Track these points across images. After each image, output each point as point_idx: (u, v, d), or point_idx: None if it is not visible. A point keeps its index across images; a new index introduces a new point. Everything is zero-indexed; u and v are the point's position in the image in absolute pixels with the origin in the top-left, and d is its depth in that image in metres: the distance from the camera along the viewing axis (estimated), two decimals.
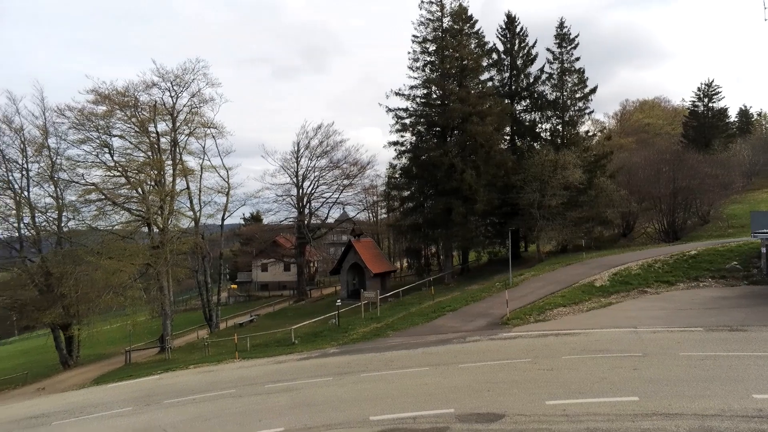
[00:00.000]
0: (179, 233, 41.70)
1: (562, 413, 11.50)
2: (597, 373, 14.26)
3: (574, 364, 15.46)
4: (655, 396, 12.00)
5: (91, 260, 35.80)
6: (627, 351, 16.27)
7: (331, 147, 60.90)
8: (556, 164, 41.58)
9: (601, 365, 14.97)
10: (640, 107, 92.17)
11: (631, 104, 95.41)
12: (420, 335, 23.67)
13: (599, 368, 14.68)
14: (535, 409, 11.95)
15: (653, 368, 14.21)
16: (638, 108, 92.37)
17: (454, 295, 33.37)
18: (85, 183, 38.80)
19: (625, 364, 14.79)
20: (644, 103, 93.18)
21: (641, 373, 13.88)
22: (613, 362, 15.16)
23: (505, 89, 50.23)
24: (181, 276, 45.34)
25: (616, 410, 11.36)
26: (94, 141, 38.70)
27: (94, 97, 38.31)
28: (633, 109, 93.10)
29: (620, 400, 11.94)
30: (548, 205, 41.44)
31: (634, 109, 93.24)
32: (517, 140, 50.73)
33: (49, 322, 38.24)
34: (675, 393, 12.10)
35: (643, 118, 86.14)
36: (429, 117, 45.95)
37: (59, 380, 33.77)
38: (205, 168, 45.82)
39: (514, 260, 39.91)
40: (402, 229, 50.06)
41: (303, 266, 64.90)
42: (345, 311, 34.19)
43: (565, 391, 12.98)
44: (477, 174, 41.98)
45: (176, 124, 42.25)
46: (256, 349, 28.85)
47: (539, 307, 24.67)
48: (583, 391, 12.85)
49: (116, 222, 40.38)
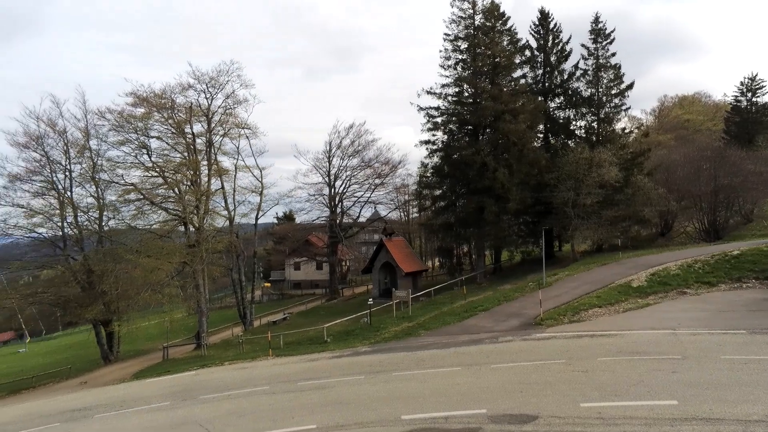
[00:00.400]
0: (214, 232, 42.47)
1: (597, 416, 11.27)
2: (634, 375, 13.93)
3: (609, 366, 15.12)
4: (695, 400, 11.65)
5: (130, 258, 36.78)
6: (665, 353, 15.84)
7: (362, 146, 61.18)
8: (591, 162, 40.80)
9: (638, 367, 14.61)
10: (680, 103, 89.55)
11: (669, 100, 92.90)
12: (452, 335, 23.54)
13: (636, 371, 14.33)
14: (569, 411, 11.75)
15: (693, 371, 13.80)
16: (677, 104, 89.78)
17: (487, 295, 33.07)
18: (124, 183, 39.95)
19: (664, 367, 14.39)
20: (683, 99, 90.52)
21: (680, 376, 13.49)
22: (651, 365, 14.77)
23: (539, 86, 49.55)
24: (216, 274, 46.21)
25: (653, 414, 11.07)
26: (132, 142, 39.80)
27: (132, 99, 39.45)
28: (672, 105, 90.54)
29: (658, 403, 11.63)
30: (583, 203, 40.70)
31: (672, 104, 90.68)
32: (550, 138, 49.99)
33: (91, 318, 39.59)
34: (716, 397, 11.72)
35: (683, 114, 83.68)
36: (461, 115, 45.65)
37: (100, 374, 34.85)
38: (239, 168, 46.67)
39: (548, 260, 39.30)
40: (434, 228, 49.88)
41: (335, 265, 65.37)
42: (377, 310, 34.28)
43: (600, 393, 12.72)
44: (510, 172, 41.53)
45: (211, 125, 43.07)
46: (289, 346, 29.18)
47: (574, 307, 24.24)
48: (620, 393, 12.57)
49: (154, 221, 41.48)
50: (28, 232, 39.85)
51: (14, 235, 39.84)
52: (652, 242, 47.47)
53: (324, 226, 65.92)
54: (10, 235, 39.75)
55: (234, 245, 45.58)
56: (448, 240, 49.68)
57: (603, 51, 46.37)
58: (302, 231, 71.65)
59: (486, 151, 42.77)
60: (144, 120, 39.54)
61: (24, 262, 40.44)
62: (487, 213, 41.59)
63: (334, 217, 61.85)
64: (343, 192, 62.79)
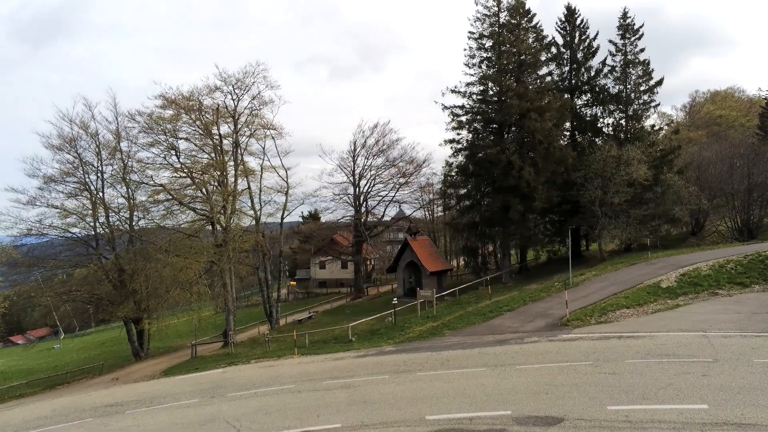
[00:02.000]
0: (241, 232, 43.02)
1: (624, 419, 11.13)
2: (663, 378, 13.70)
3: (638, 368, 14.90)
4: (726, 404, 11.41)
5: (159, 257, 37.53)
6: (696, 356, 15.53)
7: (387, 145, 61.17)
8: (619, 160, 40.17)
9: (668, 370, 14.36)
10: (711, 98, 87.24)
11: (701, 95, 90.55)
12: (477, 335, 23.47)
13: (665, 373, 14.09)
14: (595, 413, 11.63)
15: (725, 375, 13.51)
16: (709, 99, 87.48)
17: (512, 295, 32.86)
18: (154, 184, 40.71)
19: (694, 370, 14.13)
20: (716, 94, 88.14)
21: (711, 379, 13.23)
22: (681, 367, 14.51)
23: (565, 84, 48.93)
24: (243, 273, 46.73)
25: (683, 418, 10.89)
26: (161, 144, 40.52)
27: (161, 102, 40.19)
28: (703, 101, 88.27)
29: (688, 407, 11.43)
30: (611, 202, 40.11)
31: (704, 100, 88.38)
32: (577, 136, 49.32)
33: (122, 315, 40.58)
34: (748, 402, 11.46)
35: (715, 110, 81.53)
36: (486, 114, 45.36)
37: (131, 371, 35.67)
38: (265, 168, 47.11)
39: (575, 259, 38.87)
40: (458, 227, 49.68)
41: (360, 264, 65.58)
42: (401, 309, 34.33)
43: (628, 396, 12.56)
44: (536, 171, 41.14)
45: (237, 126, 43.64)
46: (315, 345, 29.45)
47: (601, 308, 23.92)
48: (648, 396, 12.39)
49: (182, 221, 42.17)
50: (63, 232, 40.97)
51: (49, 234, 41.02)
52: (682, 242, 46.55)
53: (349, 225, 66.23)
54: (46, 235, 40.94)
55: (260, 244, 46.11)
56: (473, 239, 49.40)
57: (631, 47, 45.62)
58: (327, 230, 72.06)
59: (511, 149, 42.41)
60: (172, 122, 40.27)
61: (58, 261, 41.57)
62: (512, 212, 41.29)
63: (359, 216, 62.05)
64: (368, 191, 62.99)
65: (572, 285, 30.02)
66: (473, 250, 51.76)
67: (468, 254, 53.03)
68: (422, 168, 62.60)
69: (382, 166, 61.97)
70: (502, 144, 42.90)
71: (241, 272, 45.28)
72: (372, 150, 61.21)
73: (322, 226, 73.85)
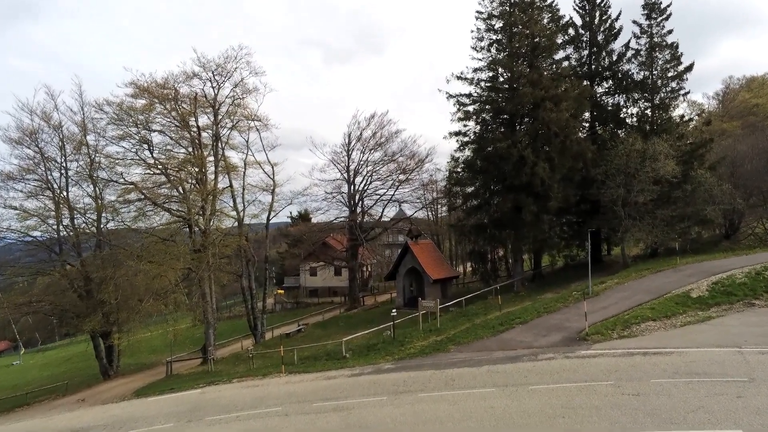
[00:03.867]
0: (222, 235, 43.05)
1: None
2: (693, 400, 13.71)
3: (665, 388, 14.92)
4: (763, 430, 11.42)
5: (131, 264, 37.48)
6: (729, 375, 15.55)
7: (385, 138, 61.32)
8: (644, 154, 40.21)
9: (698, 391, 14.38)
10: (747, 85, 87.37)
11: (735, 82, 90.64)
12: (485, 350, 23.48)
13: (695, 394, 14.11)
14: None
15: (762, 396, 13.52)
16: (744, 86, 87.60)
17: (525, 305, 32.90)
18: (124, 182, 40.72)
19: (728, 391, 14.14)
20: (752, 81, 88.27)
21: (747, 401, 13.24)
22: (713, 388, 14.52)
23: (584, 69, 48.98)
24: (224, 281, 46.79)
25: None
26: (133, 137, 40.52)
27: (132, 90, 40.15)
28: (738, 88, 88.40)
29: None
30: (635, 201, 40.14)
31: (739, 87, 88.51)
32: (597, 127, 49.37)
33: (89, 329, 40.40)
34: None
35: (751, 98, 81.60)
36: (495, 103, 45.37)
37: (100, 391, 35.63)
38: (249, 164, 47.16)
39: (595, 265, 38.88)
40: (465, 230, 49.68)
41: (355, 270, 65.62)
42: (401, 322, 34.31)
43: (654, 420, 12.57)
44: (551, 167, 41.13)
45: (218, 117, 43.68)
46: (305, 362, 29.44)
47: (624, 320, 23.94)
48: (676, 421, 12.40)
49: (156, 223, 42.18)
50: (22, 236, 40.99)
51: (7, 238, 41.05)
52: (714, 245, 46.52)
53: (343, 227, 66.26)
54: (3, 239, 40.90)
55: (243, 249, 46.15)
56: (482, 243, 49.44)
57: (658, 28, 45.63)
58: (319, 232, 72.14)
59: (524, 143, 42.40)
60: (145, 112, 40.25)
61: (18, 268, 41.50)
62: (525, 212, 41.28)
63: (354, 217, 62.11)
64: (364, 189, 63.08)
65: (592, 294, 30.03)
66: (481, 255, 51.80)
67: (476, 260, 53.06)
68: (425, 163, 62.88)
69: (380, 161, 62.17)
70: (514, 137, 42.90)
71: (222, 280, 45.31)
72: (369, 143, 61.37)
73: (313, 228, 73.95)
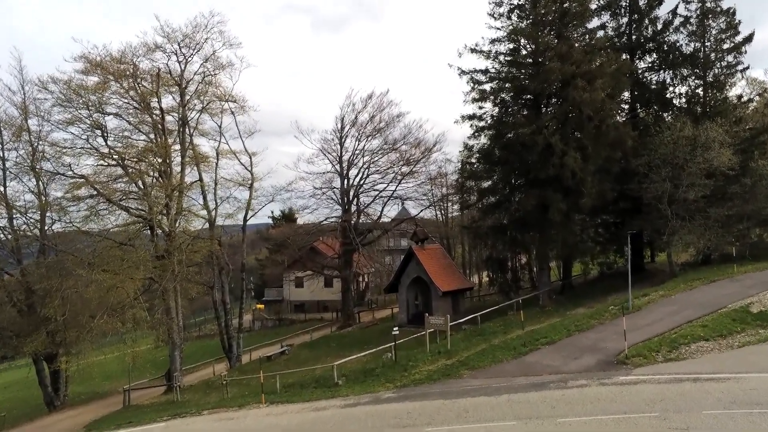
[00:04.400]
0: (190, 238, 43.03)
1: None
2: None
3: (720, 421, 14.95)
4: None
5: (81, 273, 37.33)
6: None
7: (385, 123, 61.08)
8: (694, 142, 40.23)
9: (760, 424, 14.43)
10: None
11: None
12: (505, 376, 23.50)
13: (756, 428, 14.16)
14: None
15: None
16: None
17: (552, 322, 32.96)
18: (73, 175, 40.59)
19: None
20: None
21: None
22: None
23: (623, 41, 49.02)
24: (193, 293, 46.71)
25: None
26: (83, 121, 40.36)
27: (83, 65, 40.06)
28: None
29: None
30: (684, 198, 40.13)
31: None
32: (639, 110, 49.43)
33: (31, 351, 40.26)
34: None
35: None
36: (517, 81, 45.36)
37: (44, 425, 35.64)
38: (222, 153, 47.14)
39: (636, 274, 38.89)
40: (481, 232, 49.74)
41: (350, 281, 65.57)
42: (404, 342, 34.35)
43: None
44: (583, 157, 41.08)
45: (185, 98, 43.65)
46: (289, 390, 29.45)
47: (671, 340, 23.98)
48: None
49: (112, 224, 42.18)
50: None
51: None
52: None
53: (335, 229, 66.11)
54: None
55: (216, 255, 46.12)
56: (501, 248, 49.47)
57: None
58: (306, 235, 71.73)
59: (551, 128, 42.35)
60: (98, 92, 40.13)
61: None
62: (552, 211, 41.22)
63: (348, 217, 61.96)
64: (360, 184, 62.97)
65: (632, 309, 30.07)
66: (500, 262, 51.84)
67: (493, 268, 53.12)
68: (432, 153, 62.61)
69: (378, 150, 61.99)
70: (539, 121, 42.88)
71: (190, 292, 45.28)
72: (365, 129, 61.21)
73: (298, 230, 73.61)
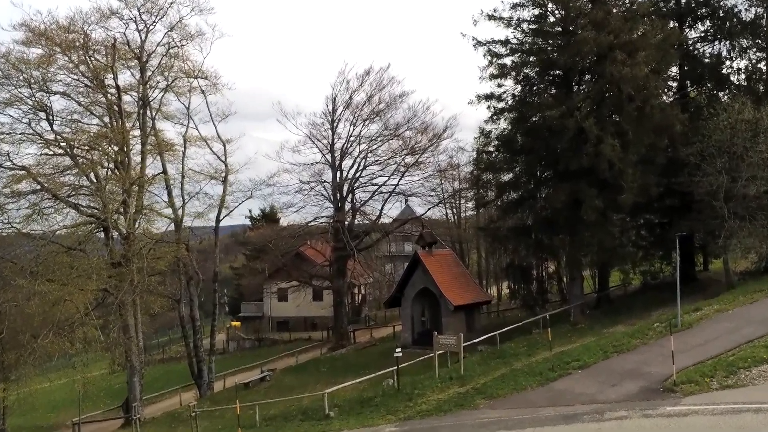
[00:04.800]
0: (152, 242, 42.95)
1: None
2: None
3: None
4: None
5: (21, 284, 37.34)
6: None
7: (385, 104, 60.98)
8: (756, 127, 40.16)
9: None
10: None
11: None
12: (530, 407, 23.44)
13: None
14: None
15: None
16: None
17: (586, 342, 32.91)
18: (12, 166, 40.70)
19: None
20: None
21: None
22: None
23: (670, 5, 48.96)
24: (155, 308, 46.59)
25: None
26: (24, 102, 40.48)
27: (24, 34, 40.20)
28: None
29: None
30: (743, 194, 40.03)
31: None
32: (689, 88, 49.41)
33: None
34: None
35: None
36: (543, 53, 45.31)
37: None
38: (191, 140, 47.08)
39: (686, 285, 38.86)
40: (500, 235, 49.75)
41: (343, 293, 65.54)
42: (409, 366, 34.30)
43: None
44: (622, 145, 41.01)
45: (146, 74, 43.62)
46: (271, 424, 29.47)
47: (728, 363, 23.87)
48: None
49: (58, 225, 42.14)
50: None
51: None
52: None
53: (325, 232, 66.05)
54: None
55: (183, 262, 46.05)
56: (524, 253, 49.48)
57: None
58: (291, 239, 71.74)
59: (584, 110, 42.24)
60: (42, 66, 40.17)
61: None
62: (586, 210, 41.14)
63: (342, 216, 61.90)
64: (356, 177, 62.87)
65: (682, 326, 29.96)
66: (524, 270, 51.84)
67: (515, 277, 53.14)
68: (442, 140, 62.50)
69: (378, 136, 61.94)
70: (570, 101, 42.80)
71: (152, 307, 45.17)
72: (362, 111, 61.08)
73: (282, 232, 73.56)
